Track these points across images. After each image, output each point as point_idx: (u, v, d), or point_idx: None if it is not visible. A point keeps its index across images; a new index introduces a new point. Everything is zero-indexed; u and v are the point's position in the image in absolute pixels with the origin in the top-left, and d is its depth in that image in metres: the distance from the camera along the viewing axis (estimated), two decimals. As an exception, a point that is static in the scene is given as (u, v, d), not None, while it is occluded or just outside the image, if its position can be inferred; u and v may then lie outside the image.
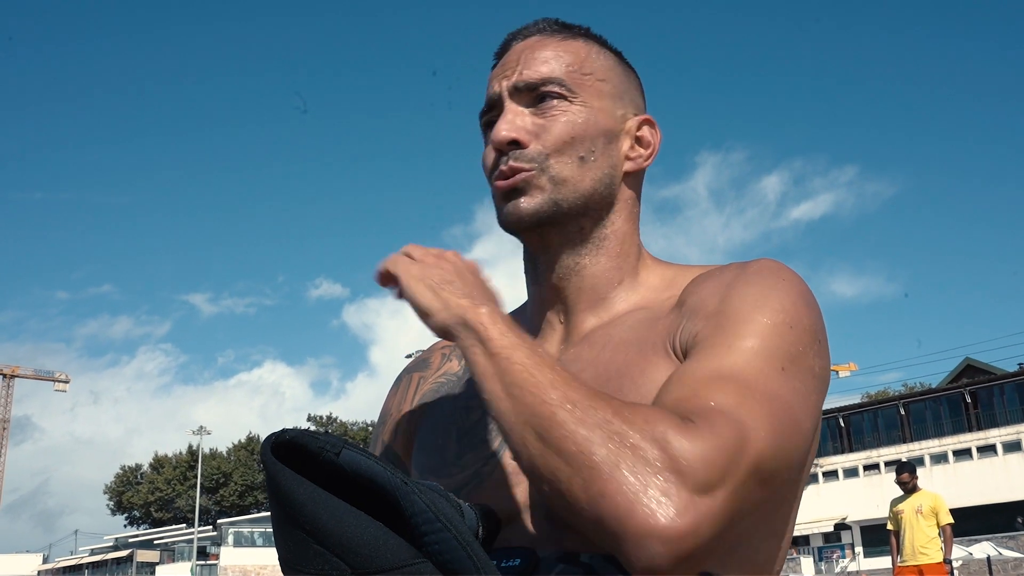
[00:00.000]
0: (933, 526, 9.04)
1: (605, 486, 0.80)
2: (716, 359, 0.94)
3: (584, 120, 1.11)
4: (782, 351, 0.95)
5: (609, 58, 1.17)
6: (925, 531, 9.00)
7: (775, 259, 1.07)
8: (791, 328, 0.97)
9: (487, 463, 1.09)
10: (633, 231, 1.17)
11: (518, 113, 1.11)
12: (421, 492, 0.80)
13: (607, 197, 1.13)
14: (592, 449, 0.82)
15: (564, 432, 0.84)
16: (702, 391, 0.89)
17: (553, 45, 1.14)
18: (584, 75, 1.13)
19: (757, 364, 0.93)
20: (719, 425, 0.84)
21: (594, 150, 1.11)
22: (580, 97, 1.11)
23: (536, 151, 1.09)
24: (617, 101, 1.15)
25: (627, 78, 1.19)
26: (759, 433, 0.86)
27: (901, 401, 48.86)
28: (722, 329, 0.97)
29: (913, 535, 9.04)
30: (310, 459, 0.82)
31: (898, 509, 9.29)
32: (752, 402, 0.88)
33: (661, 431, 0.82)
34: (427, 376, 1.28)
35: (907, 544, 9.10)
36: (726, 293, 1.02)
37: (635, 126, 1.17)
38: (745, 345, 0.94)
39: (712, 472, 0.81)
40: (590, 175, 1.11)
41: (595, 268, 1.14)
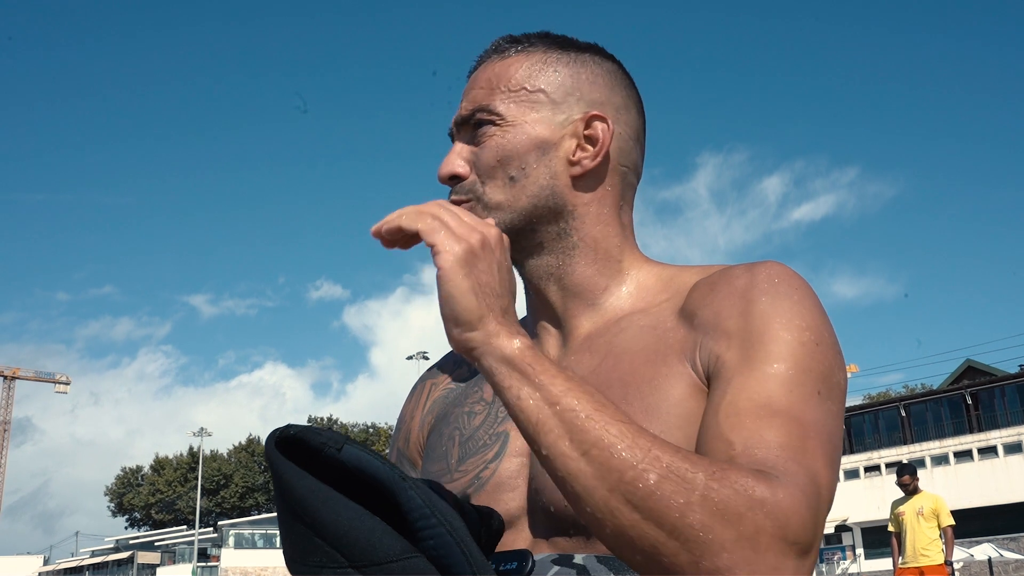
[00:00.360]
0: (934, 528, 9.04)
1: (717, 561, 0.77)
2: (758, 388, 0.91)
3: (511, 139, 1.10)
4: (815, 372, 0.93)
5: (552, 62, 1.13)
6: (926, 533, 9.00)
7: (781, 263, 1.05)
8: (818, 345, 0.96)
9: (487, 467, 1.09)
10: (609, 233, 1.13)
11: (458, 148, 1.13)
12: (418, 488, 0.83)
13: (555, 208, 1.11)
14: (696, 521, 0.78)
15: (664, 504, 0.78)
16: (766, 434, 0.87)
17: (491, 69, 1.14)
18: (512, 92, 1.11)
19: (798, 393, 0.91)
20: (800, 480, 0.83)
21: (523, 167, 1.09)
22: (507, 117, 1.10)
23: (471, 182, 1.11)
24: (556, 107, 1.11)
25: (575, 77, 1.13)
26: (825, 476, 0.86)
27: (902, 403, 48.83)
28: (752, 351, 0.95)
29: (914, 537, 9.04)
30: (313, 455, 0.85)
31: (899, 511, 9.28)
32: (810, 442, 0.87)
33: (759, 496, 0.79)
34: (439, 383, 1.29)
35: (908, 546, 9.09)
36: (745, 308, 0.99)
37: (582, 125, 1.12)
38: (781, 370, 0.92)
39: (810, 533, 0.81)
40: (525, 193, 1.09)
41: (574, 276, 1.13)
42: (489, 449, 1.11)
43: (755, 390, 0.91)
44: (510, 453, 1.08)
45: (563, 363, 1.11)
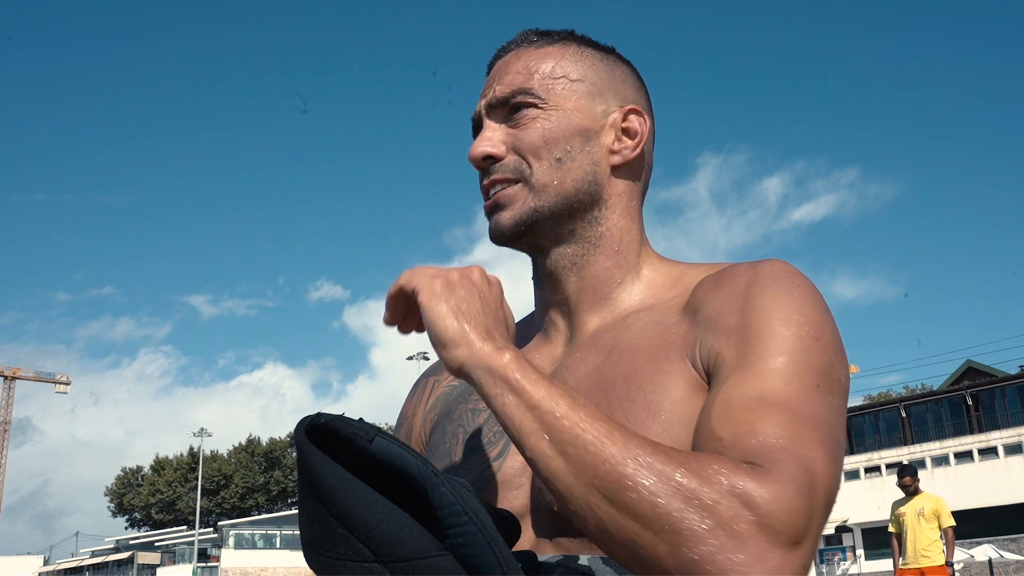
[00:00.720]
0: (935, 528, 9.03)
1: (693, 551, 0.77)
2: (754, 383, 0.91)
3: (556, 122, 1.11)
4: (814, 367, 0.93)
5: (588, 56, 1.16)
6: (927, 534, 8.99)
7: (785, 261, 1.05)
8: (817, 340, 0.95)
9: (491, 465, 1.09)
10: (631, 226, 1.16)
11: (493, 128, 1.13)
12: (451, 485, 0.80)
13: (594, 195, 1.13)
14: (672, 511, 0.78)
15: (637, 495, 0.79)
16: (757, 425, 0.86)
17: (526, 56, 1.15)
18: (555, 79, 1.13)
19: (796, 385, 0.90)
20: (789, 468, 0.81)
21: (569, 150, 1.11)
22: (551, 102, 1.12)
23: (513, 160, 1.11)
24: (596, 98, 1.14)
25: (610, 72, 1.17)
26: (822, 467, 0.84)
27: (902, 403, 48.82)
28: (749, 347, 0.95)
29: (915, 538, 9.03)
30: (342, 445, 0.83)
31: (900, 512, 9.28)
32: (806, 432, 0.86)
33: (737, 483, 0.78)
34: (441, 380, 1.29)
35: (909, 546, 9.09)
36: (745, 305, 0.99)
37: (620, 118, 1.15)
38: (778, 365, 0.92)
39: (799, 523, 0.79)
40: (571, 176, 1.11)
41: (594, 267, 1.14)
42: (493, 446, 1.11)
43: (750, 385, 0.91)
44: (514, 451, 1.08)
45: (568, 359, 1.12)
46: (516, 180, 1.11)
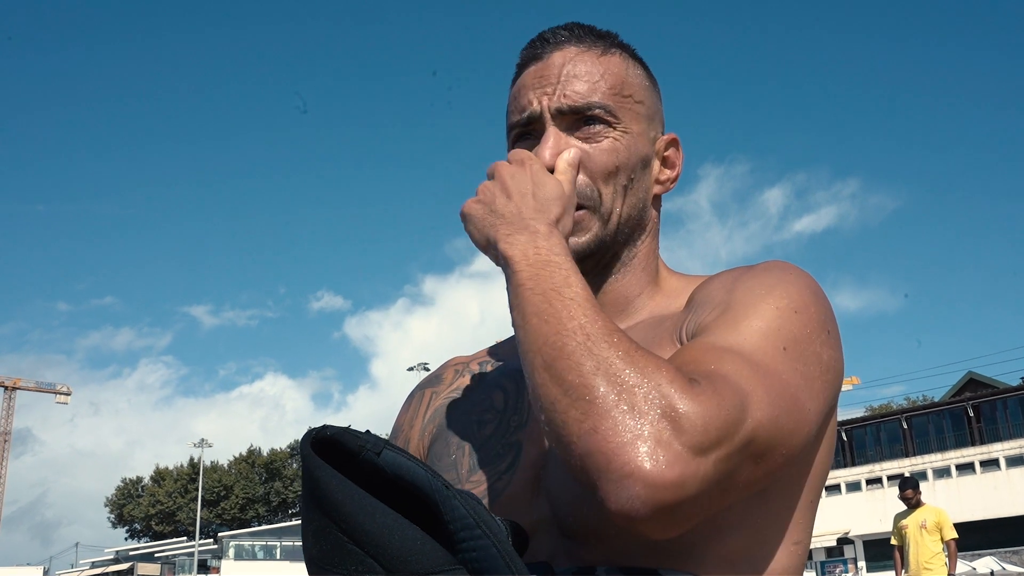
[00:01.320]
0: (937, 541, 9.01)
1: (599, 422, 0.80)
2: (719, 336, 0.94)
3: (626, 148, 1.10)
4: (784, 332, 0.94)
5: (642, 74, 1.16)
6: (929, 546, 8.98)
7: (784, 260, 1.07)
8: (796, 312, 0.97)
9: (501, 478, 1.08)
10: (655, 249, 1.18)
11: (561, 138, 1.09)
12: (463, 499, 0.80)
13: (640, 222, 1.14)
14: (594, 384, 0.82)
15: (570, 363, 0.84)
16: (703, 359, 0.89)
17: (593, 60, 1.12)
18: (624, 97, 1.11)
19: (758, 341, 0.93)
20: (722, 389, 0.84)
21: (633, 177, 1.11)
22: (622, 123, 1.10)
23: (582, 181, 1.08)
24: (650, 123, 1.14)
25: (656, 94, 1.18)
26: (758, 403, 0.85)
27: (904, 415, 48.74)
28: (726, 313, 0.98)
29: (917, 550, 9.01)
30: (349, 457, 0.81)
31: (902, 524, 9.26)
32: (752, 372, 0.88)
33: (667, 384, 0.82)
34: (440, 391, 1.27)
35: (911, 559, 9.07)
36: (733, 286, 1.02)
37: (663, 146, 1.16)
38: (747, 324, 0.95)
39: (709, 434, 0.80)
40: (628, 203, 1.11)
41: (618, 285, 1.15)
42: (503, 460, 1.09)
43: (717, 337, 0.94)
44: (524, 464, 1.07)
45: None
46: (584, 205, 1.08)
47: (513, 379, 1.16)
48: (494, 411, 1.14)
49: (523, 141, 1.12)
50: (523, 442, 1.08)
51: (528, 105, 1.11)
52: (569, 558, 0.98)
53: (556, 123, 1.09)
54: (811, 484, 1.04)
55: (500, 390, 1.17)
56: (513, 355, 1.23)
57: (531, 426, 1.09)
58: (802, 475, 1.02)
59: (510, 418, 1.12)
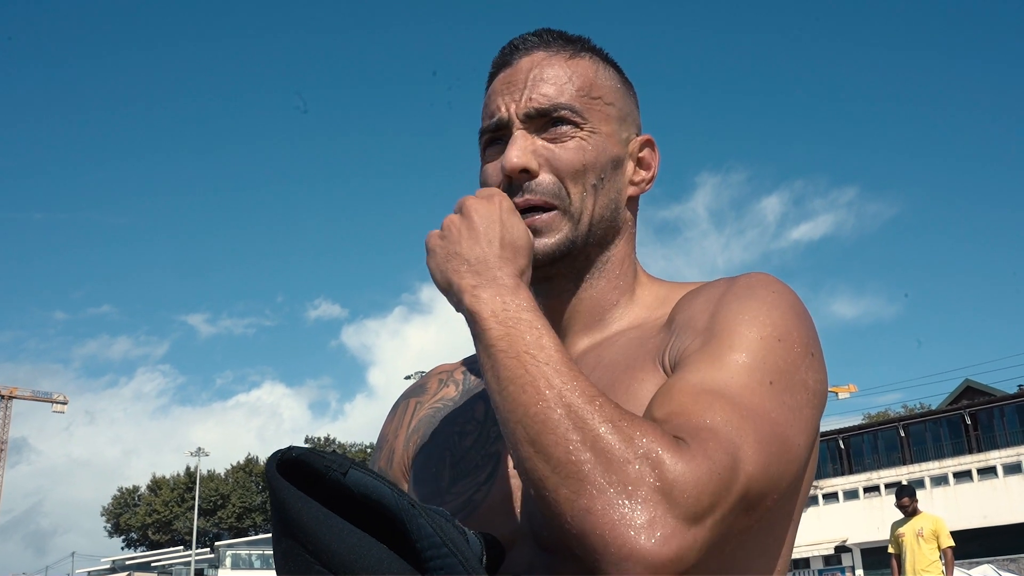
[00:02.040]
0: (934, 549, 9.01)
1: (592, 502, 0.78)
2: (702, 372, 0.92)
3: (594, 147, 1.09)
4: (769, 364, 0.93)
5: (613, 77, 1.16)
6: (926, 554, 8.97)
7: (767, 273, 1.06)
8: (780, 341, 0.95)
9: (480, 489, 1.08)
10: (631, 252, 1.17)
11: (527, 139, 1.09)
12: (428, 516, 0.80)
13: (613, 224, 1.13)
14: (582, 459, 0.80)
15: (555, 438, 0.82)
16: (691, 407, 0.86)
17: (561, 64, 1.12)
18: (593, 99, 1.11)
19: (743, 379, 0.90)
20: (711, 448, 0.82)
21: (603, 177, 1.10)
22: (589, 123, 1.10)
23: (550, 181, 1.08)
24: (622, 124, 1.14)
25: (629, 97, 1.17)
26: (749, 455, 0.84)
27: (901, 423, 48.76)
28: (710, 344, 0.96)
29: (914, 558, 9.01)
30: (316, 478, 0.81)
31: (899, 532, 9.26)
32: (741, 420, 0.85)
33: (655, 450, 0.80)
34: (424, 401, 1.27)
35: (908, 567, 9.06)
36: (715, 309, 1.00)
37: (637, 147, 1.16)
38: (732, 359, 0.92)
39: (703, 500, 0.79)
40: (599, 204, 1.10)
41: (593, 291, 1.13)
42: (482, 471, 1.09)
43: (701, 374, 0.91)
44: (502, 476, 1.07)
45: None
46: (553, 206, 1.08)
47: None
48: (475, 422, 1.14)
49: (493, 146, 1.13)
50: (502, 452, 1.08)
51: (496, 111, 1.12)
52: (546, 571, 0.97)
53: (525, 127, 1.09)
54: (797, 507, 1.03)
55: (481, 400, 1.16)
56: None
57: None
58: (789, 505, 1.01)
59: (490, 428, 1.12)
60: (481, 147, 1.15)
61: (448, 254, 0.98)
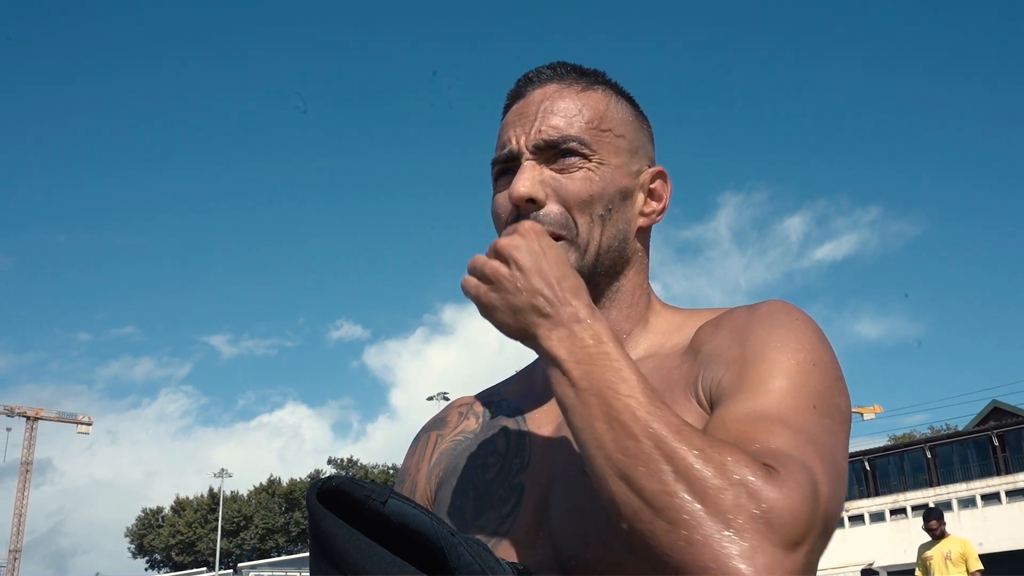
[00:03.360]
0: (963, 572, 8.91)
1: (692, 533, 0.78)
2: (750, 401, 0.93)
3: (601, 179, 1.11)
4: (810, 389, 0.95)
5: (626, 109, 1.17)
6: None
7: (783, 300, 1.08)
8: (815, 366, 0.98)
9: (504, 522, 1.08)
10: (644, 281, 1.18)
11: (535, 169, 1.11)
12: (469, 545, 0.81)
13: (622, 254, 1.14)
14: (677, 491, 0.80)
15: (647, 471, 0.81)
16: (754, 435, 0.87)
17: (572, 96, 1.14)
18: (602, 131, 1.13)
19: (791, 404, 0.92)
20: (796, 474, 0.82)
21: (611, 208, 1.11)
22: (598, 155, 1.11)
23: (557, 211, 1.09)
24: (633, 156, 1.15)
25: (642, 130, 1.19)
26: (822, 479, 0.84)
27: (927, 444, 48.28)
28: (747, 373, 0.97)
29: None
30: (355, 507, 0.83)
31: (927, 555, 9.16)
32: (806, 445, 0.87)
33: (748, 477, 0.80)
34: (444, 435, 1.28)
35: (936, 591, 8.95)
36: (744, 337, 1.02)
37: (648, 179, 1.17)
38: (775, 386, 0.94)
39: (799, 527, 0.79)
40: (607, 235, 1.11)
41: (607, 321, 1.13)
42: (506, 503, 1.09)
43: (750, 403, 0.93)
44: (526, 508, 1.07)
45: None
46: (560, 236, 1.09)
47: (514, 419, 1.17)
48: (496, 455, 1.15)
49: (504, 177, 1.14)
50: (525, 484, 1.09)
51: (508, 142, 1.14)
52: None
53: (534, 157, 1.11)
54: None
55: (502, 434, 1.17)
56: (515, 394, 1.24)
57: (532, 468, 1.10)
58: None
59: (512, 460, 1.12)
60: (493, 177, 1.17)
61: (510, 305, 0.96)
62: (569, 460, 1.05)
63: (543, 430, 1.14)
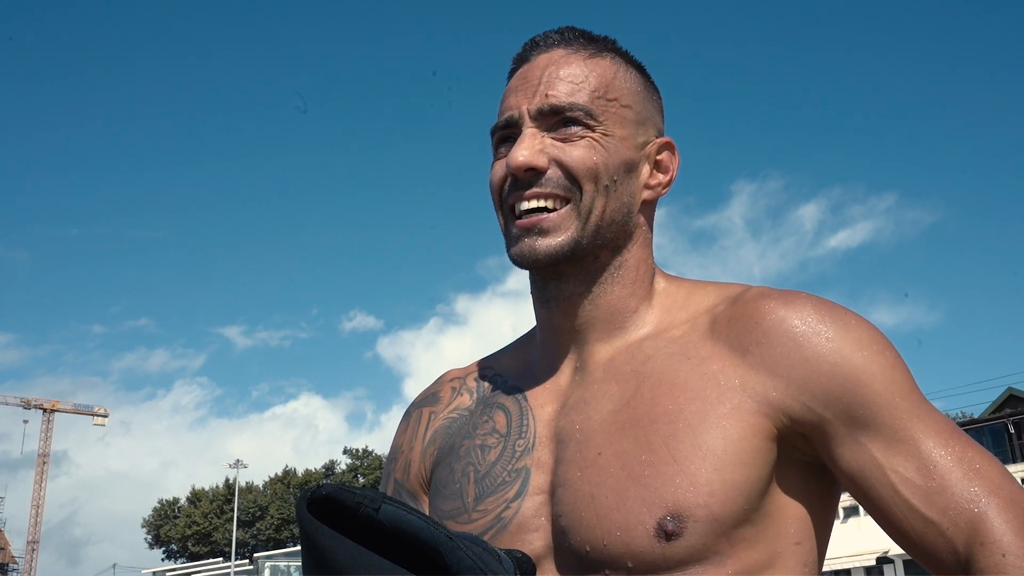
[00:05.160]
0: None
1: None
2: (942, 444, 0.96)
3: (605, 149, 1.07)
4: (912, 388, 1.02)
5: (634, 79, 1.14)
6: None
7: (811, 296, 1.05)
8: (903, 366, 1.03)
9: (509, 506, 1.06)
10: (648, 256, 1.15)
11: (536, 136, 1.08)
12: (468, 548, 0.80)
13: (625, 227, 1.11)
14: None
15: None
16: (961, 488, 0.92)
17: (579, 63, 1.10)
18: (609, 100, 1.09)
19: (946, 426, 0.98)
20: (1010, 513, 0.90)
21: (615, 179, 1.08)
22: (603, 126, 1.08)
23: (560, 178, 1.06)
24: (639, 128, 1.12)
25: (650, 100, 1.15)
26: (1013, 486, 0.93)
27: (943, 432, 48.07)
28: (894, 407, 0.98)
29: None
30: (348, 514, 0.81)
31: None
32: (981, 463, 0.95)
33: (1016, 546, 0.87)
34: (438, 412, 1.24)
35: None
36: (831, 370, 1.00)
37: (655, 150, 1.14)
38: (927, 413, 0.98)
39: None
40: (611, 206, 1.08)
41: (610, 296, 1.11)
42: (509, 487, 1.07)
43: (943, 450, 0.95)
44: (532, 492, 1.05)
45: (584, 392, 1.09)
46: (564, 199, 1.06)
47: (514, 398, 1.14)
48: (497, 435, 1.12)
49: (504, 145, 1.11)
50: (531, 468, 1.07)
51: (509, 108, 1.11)
52: None
53: (536, 124, 1.08)
54: None
55: (501, 411, 1.14)
56: (511, 369, 1.20)
57: (538, 451, 1.07)
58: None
59: (515, 442, 1.10)
60: (493, 144, 1.13)
61: None
62: (582, 443, 1.03)
63: (546, 410, 1.10)
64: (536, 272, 1.12)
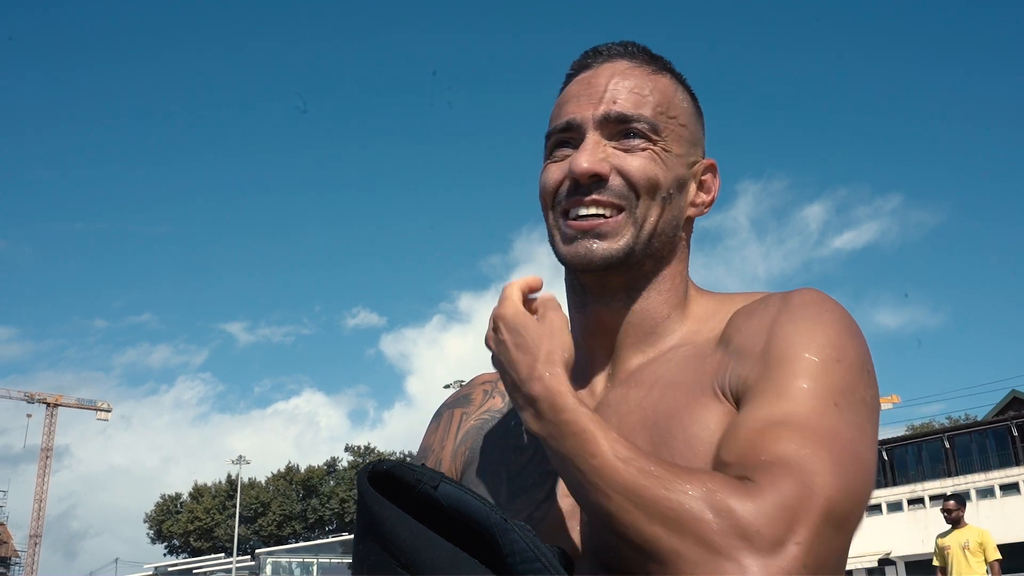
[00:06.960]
0: (981, 562, 8.87)
1: (680, 566, 0.81)
2: (768, 406, 0.94)
3: (665, 164, 1.10)
4: (832, 387, 0.95)
5: (689, 101, 1.17)
6: (973, 567, 8.83)
7: (817, 289, 1.06)
8: (839, 362, 0.97)
9: (539, 508, 1.07)
10: (684, 269, 1.17)
11: (600, 144, 1.09)
12: (522, 532, 0.81)
13: (672, 241, 1.13)
14: (656, 534, 0.83)
15: (627, 522, 0.85)
16: (760, 444, 0.89)
17: (643, 77, 1.13)
18: (670, 118, 1.12)
19: (809, 404, 0.93)
20: (779, 478, 0.85)
21: (670, 193, 1.11)
22: (663, 141, 1.11)
23: (619, 184, 1.08)
24: (692, 147, 1.15)
25: (699, 123, 1.19)
26: (824, 477, 0.86)
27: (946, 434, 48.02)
28: (770, 372, 0.98)
29: (960, 571, 8.88)
30: (405, 491, 0.83)
31: (944, 544, 9.12)
32: (811, 445, 0.88)
33: (721, 499, 0.82)
34: (470, 413, 1.26)
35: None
36: (771, 332, 1.02)
37: (701, 171, 1.17)
38: (795, 386, 0.95)
39: (777, 529, 0.81)
40: (663, 219, 1.10)
41: (646, 306, 1.13)
42: (540, 488, 1.09)
43: (766, 408, 0.94)
44: (562, 493, 1.06)
45: (610, 396, 1.11)
46: (619, 208, 1.08)
47: None
48: (530, 437, 1.13)
49: (561, 148, 1.12)
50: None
51: (570, 113, 1.12)
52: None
53: (599, 131, 1.10)
54: None
55: None
56: None
57: None
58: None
59: None
60: (548, 147, 1.15)
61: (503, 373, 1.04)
62: None
63: None
64: (583, 276, 1.13)
